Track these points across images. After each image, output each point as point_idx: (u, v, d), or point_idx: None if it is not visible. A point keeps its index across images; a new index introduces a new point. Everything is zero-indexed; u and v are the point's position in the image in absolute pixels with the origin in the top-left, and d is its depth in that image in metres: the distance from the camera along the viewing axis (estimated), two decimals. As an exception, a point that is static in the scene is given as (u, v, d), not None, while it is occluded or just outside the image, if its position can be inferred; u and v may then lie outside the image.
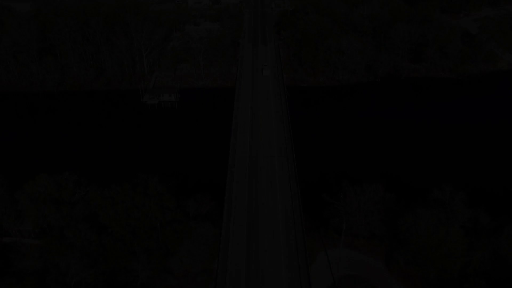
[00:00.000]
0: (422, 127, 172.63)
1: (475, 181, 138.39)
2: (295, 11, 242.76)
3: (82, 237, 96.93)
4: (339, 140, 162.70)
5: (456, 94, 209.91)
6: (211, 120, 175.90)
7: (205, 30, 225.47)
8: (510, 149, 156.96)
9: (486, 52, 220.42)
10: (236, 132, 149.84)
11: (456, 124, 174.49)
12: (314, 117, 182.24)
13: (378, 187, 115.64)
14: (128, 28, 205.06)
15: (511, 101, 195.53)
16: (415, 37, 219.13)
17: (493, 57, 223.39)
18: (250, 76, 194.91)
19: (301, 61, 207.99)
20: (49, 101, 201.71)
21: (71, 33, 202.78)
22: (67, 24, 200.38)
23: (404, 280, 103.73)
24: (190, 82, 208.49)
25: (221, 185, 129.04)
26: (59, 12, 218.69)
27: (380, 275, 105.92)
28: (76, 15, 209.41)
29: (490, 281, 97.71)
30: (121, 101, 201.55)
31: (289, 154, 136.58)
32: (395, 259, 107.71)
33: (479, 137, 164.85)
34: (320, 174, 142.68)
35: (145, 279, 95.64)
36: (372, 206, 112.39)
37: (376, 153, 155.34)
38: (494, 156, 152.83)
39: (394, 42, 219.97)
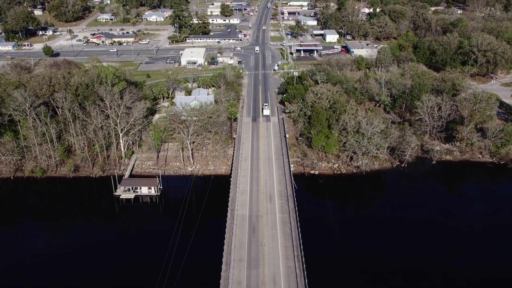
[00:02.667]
0: (464, 229, 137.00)
1: None
2: (302, 78, 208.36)
3: None
4: (362, 254, 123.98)
5: (500, 183, 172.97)
6: (199, 227, 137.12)
7: (196, 102, 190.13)
8: None
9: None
10: (229, 257, 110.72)
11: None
12: (329, 220, 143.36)
13: None
14: (103, 102, 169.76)
15: None
16: (446, 112, 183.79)
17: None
18: (249, 162, 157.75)
19: (311, 142, 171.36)
20: (2, 191, 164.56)
21: (32, 108, 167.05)
22: (27, 98, 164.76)
23: None
24: (176, 168, 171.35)
25: None
26: (24, 81, 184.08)
27: None
28: (40, 86, 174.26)
29: None
30: (90, 193, 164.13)
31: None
32: None
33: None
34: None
35: None
36: None
37: (413, 273, 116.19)
38: None
39: (422, 118, 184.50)
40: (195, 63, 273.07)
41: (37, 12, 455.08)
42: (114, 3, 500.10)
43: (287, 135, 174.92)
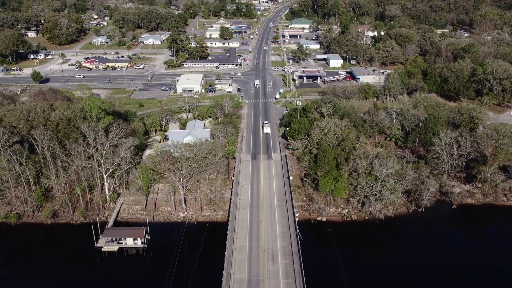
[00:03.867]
0: (488, 279, 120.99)
1: None
2: (306, 110, 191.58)
3: None
4: None
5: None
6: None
7: (191, 137, 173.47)
8: None
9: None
10: None
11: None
12: (341, 280, 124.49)
13: None
14: (86, 140, 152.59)
15: None
16: (466, 150, 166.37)
17: None
18: (248, 210, 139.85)
19: (317, 184, 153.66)
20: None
21: (7, 146, 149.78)
22: (0, 135, 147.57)
23: None
24: (166, 213, 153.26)
25: None
26: (1, 114, 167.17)
27: None
28: (17, 122, 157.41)
29: None
30: (69, 243, 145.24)
31: None
32: None
33: None
34: None
35: None
36: None
37: None
38: None
39: (439, 156, 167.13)
40: (191, 90, 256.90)
41: (31, 34, 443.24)
42: (111, 25, 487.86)
43: (290, 177, 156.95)
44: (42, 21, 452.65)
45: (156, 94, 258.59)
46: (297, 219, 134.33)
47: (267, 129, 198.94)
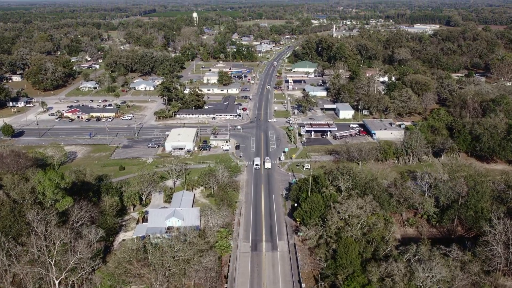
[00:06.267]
0: None
1: None
2: (319, 184, 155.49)
3: None
4: None
5: None
6: None
7: (175, 219, 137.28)
8: None
9: None
10: None
11: None
12: None
13: None
14: (33, 233, 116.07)
15: None
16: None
17: None
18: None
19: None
20: None
21: None
22: None
23: None
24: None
25: None
26: None
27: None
28: None
29: None
30: None
31: None
32: None
33: None
34: None
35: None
36: None
37: None
38: None
39: (492, 247, 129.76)
40: (182, 148, 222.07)
41: (16, 78, 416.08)
42: (103, 68, 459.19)
43: (303, 285, 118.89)
44: (29, 64, 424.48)
45: (142, 153, 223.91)
46: None
47: (268, 165, 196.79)
